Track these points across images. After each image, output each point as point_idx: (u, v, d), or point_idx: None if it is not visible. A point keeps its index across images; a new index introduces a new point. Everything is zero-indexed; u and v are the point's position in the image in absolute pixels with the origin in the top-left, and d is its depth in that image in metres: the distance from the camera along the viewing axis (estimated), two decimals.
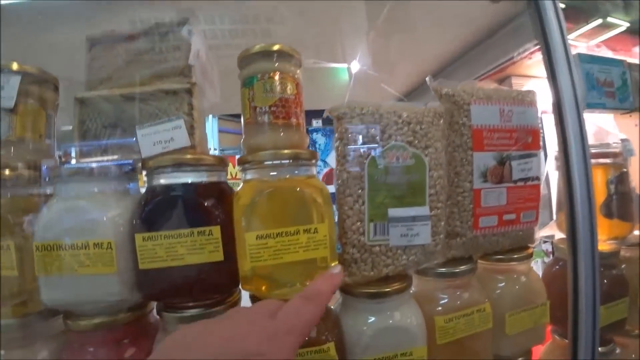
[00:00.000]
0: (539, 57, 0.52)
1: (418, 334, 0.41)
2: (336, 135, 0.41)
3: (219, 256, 0.36)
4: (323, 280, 0.30)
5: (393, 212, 0.40)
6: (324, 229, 0.37)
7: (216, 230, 0.36)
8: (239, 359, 0.21)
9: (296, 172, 0.39)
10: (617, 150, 0.61)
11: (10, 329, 0.37)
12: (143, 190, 0.39)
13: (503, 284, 0.49)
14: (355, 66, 1.52)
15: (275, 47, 0.39)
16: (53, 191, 0.36)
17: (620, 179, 0.60)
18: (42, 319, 0.39)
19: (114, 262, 0.35)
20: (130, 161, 0.37)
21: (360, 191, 0.40)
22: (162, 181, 0.37)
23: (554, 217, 0.64)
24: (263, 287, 0.37)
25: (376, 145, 0.40)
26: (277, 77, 0.39)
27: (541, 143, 0.48)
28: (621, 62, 0.65)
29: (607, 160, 0.60)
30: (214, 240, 0.36)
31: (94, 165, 0.35)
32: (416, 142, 0.41)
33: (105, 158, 0.37)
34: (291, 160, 0.38)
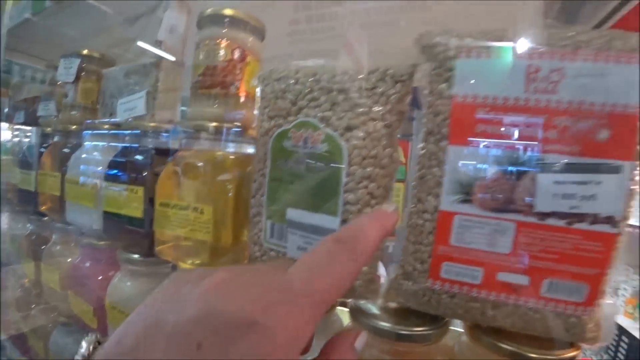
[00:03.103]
0: None
1: None
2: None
3: (138, 212, 0.40)
4: (367, 218, 0.20)
5: (292, 213, 0.30)
6: (209, 212, 0.33)
7: (140, 190, 0.40)
8: (216, 329, 0.14)
9: (213, 145, 0.37)
10: None
11: None
12: None
13: None
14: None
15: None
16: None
17: None
18: None
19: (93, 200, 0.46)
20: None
21: (262, 178, 0.32)
22: (124, 142, 0.45)
23: None
24: (171, 253, 0.38)
25: (282, 122, 0.30)
26: (206, 44, 0.37)
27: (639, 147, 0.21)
28: None
29: None
30: (137, 198, 0.40)
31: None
32: (334, 118, 0.28)
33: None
34: (202, 132, 0.36)
